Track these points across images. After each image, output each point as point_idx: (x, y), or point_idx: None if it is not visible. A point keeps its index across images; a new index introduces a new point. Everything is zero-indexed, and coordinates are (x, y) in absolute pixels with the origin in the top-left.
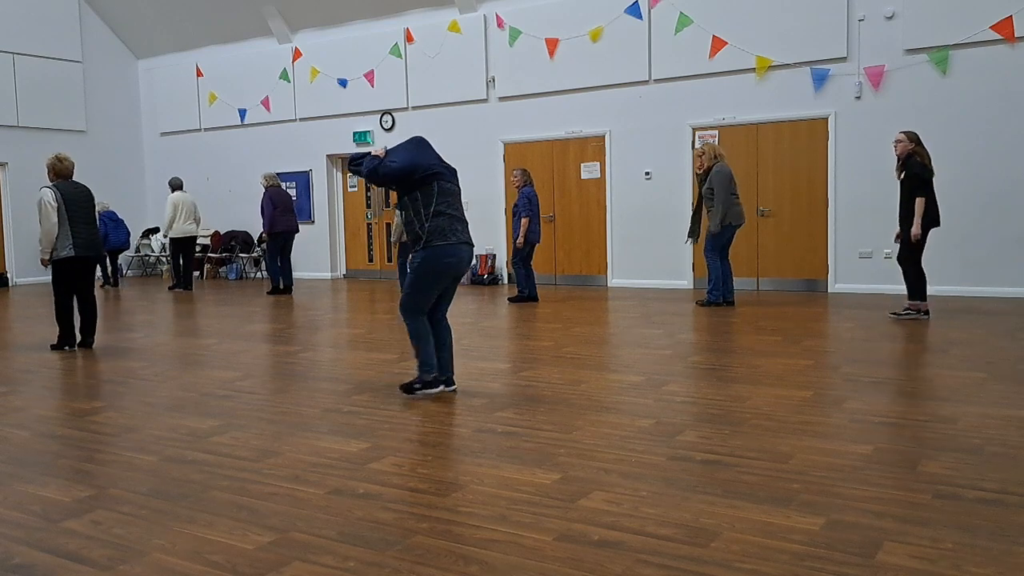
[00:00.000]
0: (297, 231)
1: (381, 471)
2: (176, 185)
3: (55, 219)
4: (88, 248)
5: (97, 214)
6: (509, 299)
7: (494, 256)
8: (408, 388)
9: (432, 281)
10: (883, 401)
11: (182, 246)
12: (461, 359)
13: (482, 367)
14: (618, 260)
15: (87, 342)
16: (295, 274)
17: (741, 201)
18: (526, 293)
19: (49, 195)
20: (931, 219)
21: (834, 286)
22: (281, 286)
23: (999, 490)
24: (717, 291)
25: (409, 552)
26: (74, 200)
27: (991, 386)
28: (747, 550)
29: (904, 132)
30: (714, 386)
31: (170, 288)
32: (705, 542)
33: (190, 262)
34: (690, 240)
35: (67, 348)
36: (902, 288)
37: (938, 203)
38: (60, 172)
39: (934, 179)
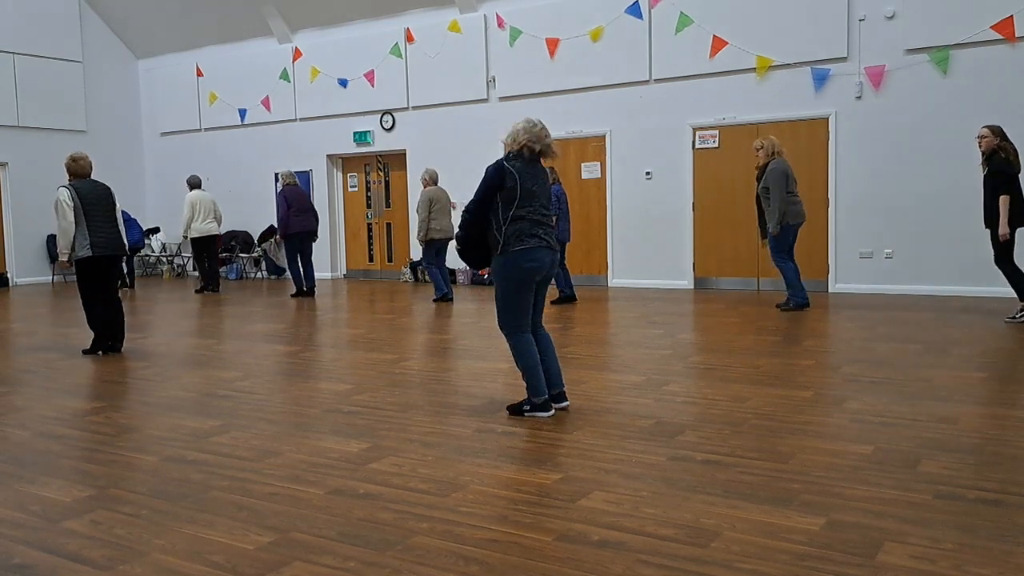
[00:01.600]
0: (314, 231)
1: (381, 471)
2: (194, 183)
3: (71, 218)
4: (107, 247)
5: (119, 212)
6: (552, 302)
7: None
8: (517, 409)
9: (517, 289)
10: (883, 401)
11: (204, 245)
12: (462, 359)
13: (482, 367)
14: (618, 260)
15: (115, 347)
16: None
17: (800, 198)
18: (567, 292)
19: (65, 194)
20: (1017, 217)
21: (834, 286)
22: (305, 288)
23: (999, 490)
24: (798, 293)
25: (409, 552)
26: (91, 198)
27: (991, 386)
28: (747, 550)
29: (987, 127)
30: (714, 386)
31: (197, 291)
32: (705, 542)
33: (215, 261)
34: (764, 242)
35: (100, 353)
36: (903, 288)
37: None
38: (76, 172)
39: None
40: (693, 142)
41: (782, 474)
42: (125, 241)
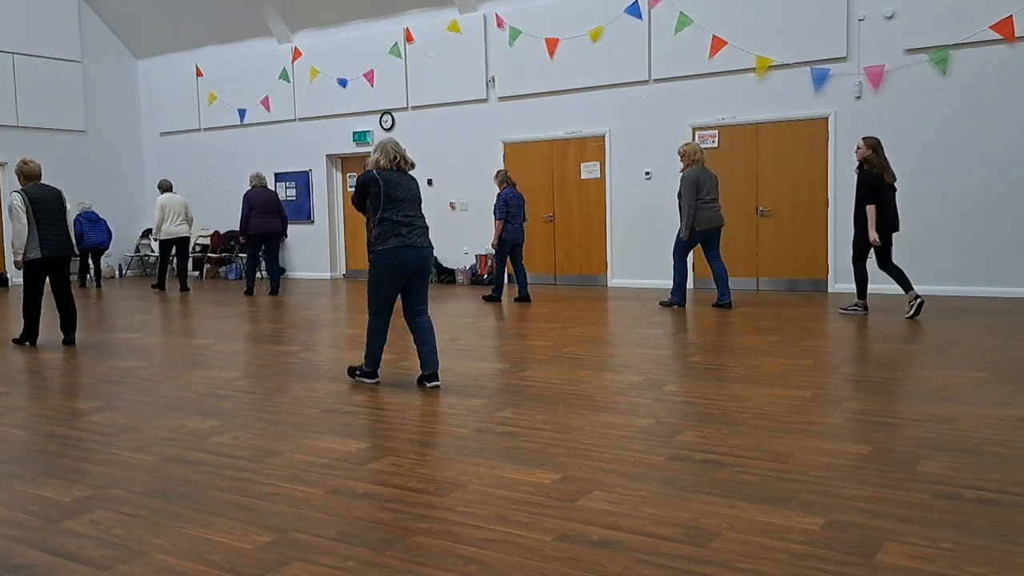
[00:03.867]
0: (278, 232)
1: (381, 471)
2: (164, 187)
3: (24, 221)
4: (56, 249)
5: (70, 214)
6: (484, 297)
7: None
8: (351, 372)
9: (380, 283)
10: (882, 401)
11: (171, 247)
12: (461, 359)
13: (482, 367)
14: (618, 260)
15: (69, 339)
16: (296, 274)
17: (718, 204)
18: (496, 296)
19: (18, 199)
20: (888, 224)
21: (834, 286)
22: (271, 288)
23: (998, 490)
24: (678, 293)
25: (408, 552)
26: (42, 203)
27: (991, 386)
28: (746, 550)
29: (864, 138)
30: (713, 386)
31: (152, 286)
32: (704, 542)
33: (185, 262)
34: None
35: (28, 344)
36: (901, 288)
37: (896, 208)
38: (28, 174)
39: (896, 183)
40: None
41: (781, 474)
42: (73, 242)
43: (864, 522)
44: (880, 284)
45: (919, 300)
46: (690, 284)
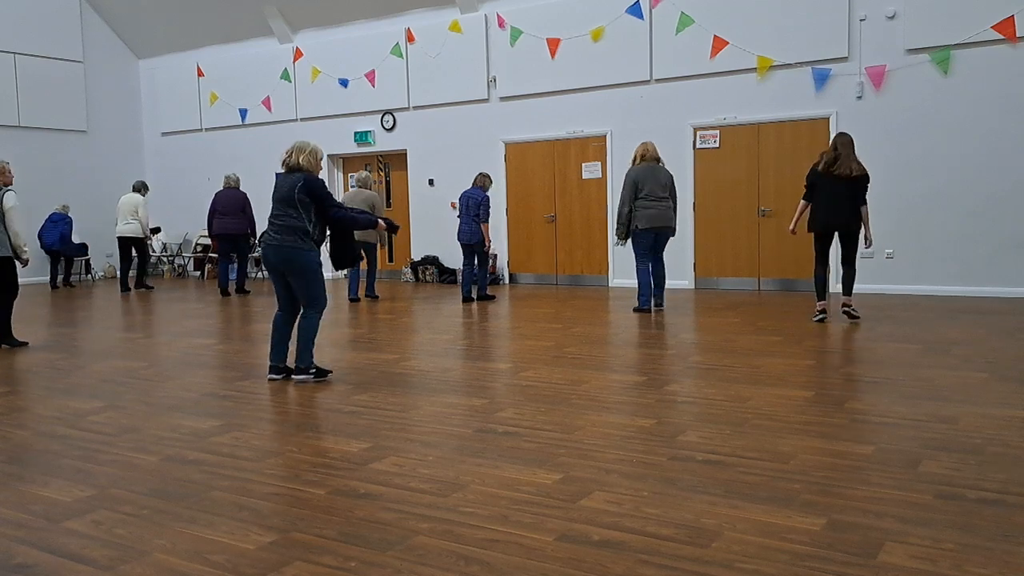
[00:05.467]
0: (242, 233)
1: (382, 471)
2: (135, 188)
3: None
4: None
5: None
6: (464, 301)
7: (495, 256)
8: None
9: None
10: (884, 401)
11: (129, 246)
12: (463, 359)
13: (482, 367)
14: (619, 260)
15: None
16: None
17: (666, 204)
18: (466, 292)
19: None
20: (816, 222)
21: (834, 286)
22: (232, 288)
23: (1000, 490)
24: (643, 295)
25: (410, 552)
26: None
27: (992, 386)
28: (748, 550)
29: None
30: (715, 386)
31: (137, 288)
32: (706, 542)
33: (128, 263)
34: (620, 243)
35: (4, 346)
36: (903, 288)
37: (829, 210)
38: None
39: (841, 184)
40: (694, 142)
41: (783, 474)
42: (9, 243)
43: (866, 522)
44: (891, 285)
45: (823, 315)
46: (690, 284)
